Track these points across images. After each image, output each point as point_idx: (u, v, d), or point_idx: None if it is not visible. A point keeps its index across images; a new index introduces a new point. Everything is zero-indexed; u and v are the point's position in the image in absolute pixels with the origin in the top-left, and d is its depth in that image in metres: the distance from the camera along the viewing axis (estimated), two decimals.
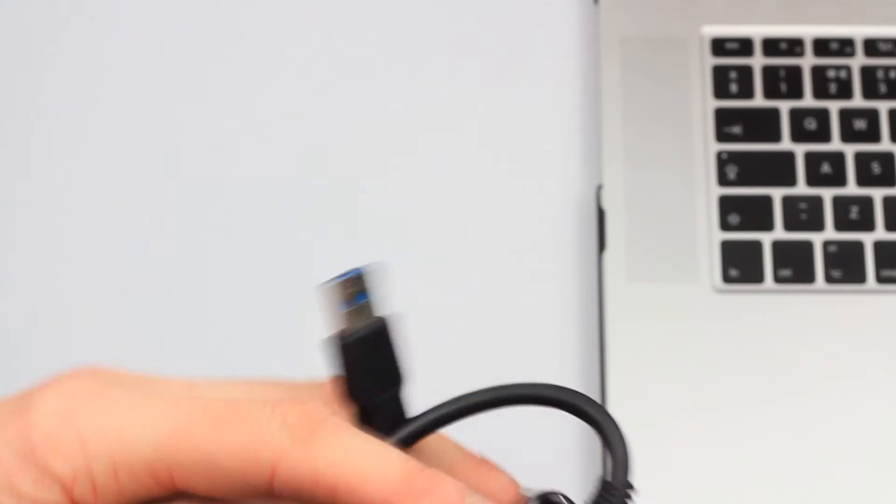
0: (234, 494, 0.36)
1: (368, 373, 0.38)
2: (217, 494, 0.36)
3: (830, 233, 0.68)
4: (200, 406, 0.35)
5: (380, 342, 0.38)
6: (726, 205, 0.68)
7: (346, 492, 0.35)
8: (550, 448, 0.66)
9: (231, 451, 0.35)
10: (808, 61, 0.72)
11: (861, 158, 0.69)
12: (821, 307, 0.66)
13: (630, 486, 0.38)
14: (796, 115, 0.70)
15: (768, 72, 0.72)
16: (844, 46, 0.72)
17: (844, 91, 0.71)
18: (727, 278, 0.66)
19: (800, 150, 0.70)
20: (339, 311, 0.37)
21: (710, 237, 0.68)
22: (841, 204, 0.68)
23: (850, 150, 0.70)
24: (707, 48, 0.72)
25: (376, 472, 0.35)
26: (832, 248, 0.67)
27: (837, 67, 0.72)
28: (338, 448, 0.35)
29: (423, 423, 0.39)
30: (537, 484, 0.43)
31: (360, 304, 0.37)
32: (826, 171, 0.69)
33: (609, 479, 0.38)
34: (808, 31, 0.73)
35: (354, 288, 0.37)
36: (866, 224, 0.68)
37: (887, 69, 0.71)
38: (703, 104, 0.71)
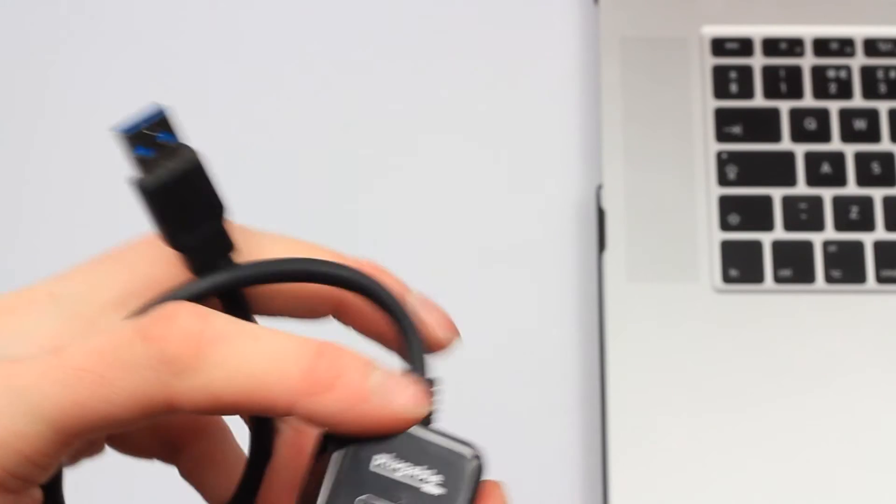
0: (142, 426, 0.35)
1: (188, 212, 0.35)
2: (127, 430, 0.35)
3: (830, 233, 0.68)
4: (73, 369, 0.34)
5: (194, 178, 0.35)
6: (726, 205, 0.68)
7: (248, 404, 0.34)
8: (550, 447, 0.66)
9: (121, 404, 0.33)
10: (808, 61, 0.72)
11: (861, 158, 0.69)
12: (821, 307, 0.66)
13: (433, 379, 0.37)
14: (796, 115, 0.70)
15: (768, 72, 0.72)
16: (844, 46, 0.72)
17: (844, 91, 0.71)
18: (727, 278, 0.66)
19: (800, 150, 0.70)
20: (144, 157, 0.35)
21: (710, 237, 0.68)
22: (841, 204, 0.68)
23: (850, 150, 0.70)
24: (707, 48, 0.72)
25: (273, 376, 0.33)
26: (832, 248, 0.67)
27: (837, 67, 0.72)
28: (227, 364, 0.33)
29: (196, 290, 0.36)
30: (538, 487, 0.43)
31: (164, 143, 0.35)
32: (826, 171, 0.69)
33: (412, 368, 0.37)
34: (808, 31, 0.73)
35: (156, 129, 0.35)
36: (866, 224, 0.68)
37: (887, 69, 0.71)
38: (703, 104, 0.71)
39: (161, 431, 0.41)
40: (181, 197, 0.35)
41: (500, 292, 0.69)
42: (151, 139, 0.35)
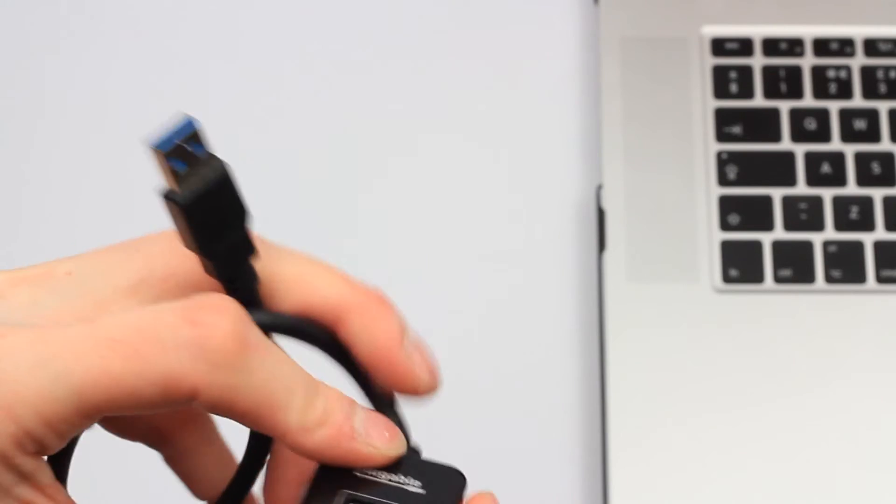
0: (159, 411, 0.36)
1: (218, 222, 0.36)
2: (144, 413, 0.36)
3: (830, 233, 0.68)
4: (107, 340, 0.34)
5: (224, 188, 0.36)
6: (726, 205, 0.68)
7: (253, 418, 0.35)
8: (550, 447, 0.66)
9: (151, 382, 0.34)
10: (808, 61, 0.72)
11: (861, 158, 0.69)
12: (821, 307, 0.66)
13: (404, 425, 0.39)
14: (796, 115, 0.70)
15: (768, 72, 0.72)
16: (844, 46, 0.72)
17: (844, 91, 0.71)
18: (727, 278, 0.66)
19: (800, 150, 0.70)
20: (178, 171, 0.36)
21: (710, 237, 0.68)
22: (841, 204, 0.68)
23: (850, 150, 0.70)
24: (707, 48, 0.72)
25: (282, 401, 0.35)
26: (832, 248, 0.67)
27: (837, 67, 0.72)
28: (257, 375, 0.35)
29: None
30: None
31: (196, 155, 0.36)
32: (826, 171, 0.69)
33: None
34: (808, 31, 0.73)
35: (189, 142, 0.36)
36: (866, 224, 0.68)
37: (887, 69, 0.71)
38: (703, 104, 0.71)
39: (150, 416, 0.42)
40: (212, 207, 0.36)
41: (500, 292, 0.69)
42: (185, 151, 0.36)
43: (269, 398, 0.35)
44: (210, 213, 0.36)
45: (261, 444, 0.40)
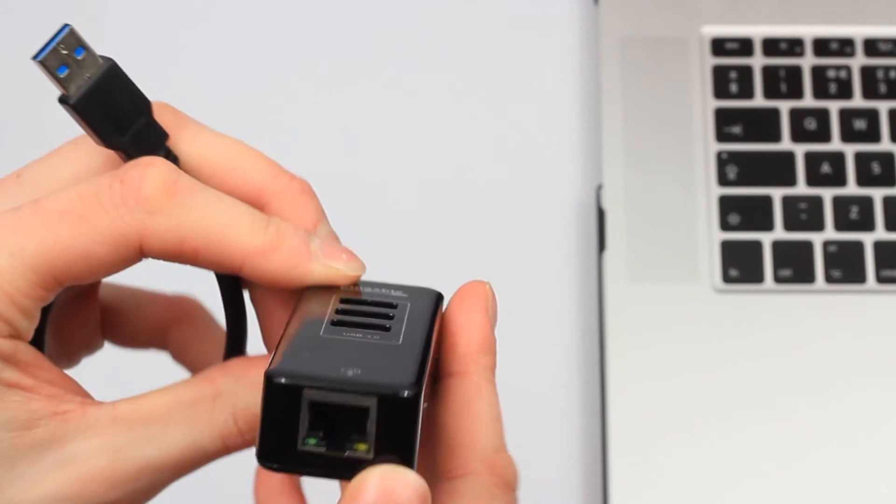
0: (114, 271, 0.38)
1: (115, 115, 0.39)
2: (100, 277, 0.38)
3: (830, 233, 0.68)
4: (54, 212, 0.37)
5: (113, 83, 0.39)
6: (726, 205, 0.68)
7: (207, 254, 0.37)
8: (550, 447, 0.66)
9: (98, 240, 0.37)
10: (808, 61, 0.72)
11: (861, 158, 0.69)
12: (821, 307, 0.66)
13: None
14: (796, 115, 0.71)
15: (768, 72, 0.72)
16: (844, 46, 0.72)
17: (844, 91, 0.71)
18: (727, 278, 0.67)
19: (800, 150, 0.70)
20: (63, 75, 0.38)
21: (710, 237, 0.68)
22: (841, 204, 0.68)
23: (850, 150, 0.70)
24: (707, 48, 0.72)
25: (231, 231, 0.37)
26: (832, 248, 0.67)
27: (837, 67, 0.72)
28: (195, 211, 0.37)
29: None
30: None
31: (79, 58, 0.39)
32: (826, 171, 0.69)
33: None
34: (808, 31, 0.73)
35: (68, 47, 0.39)
36: (866, 224, 0.68)
37: (887, 69, 0.71)
38: (703, 104, 0.71)
39: (151, 320, 0.45)
40: (107, 102, 0.39)
41: (500, 292, 0.69)
42: (66, 57, 0.39)
43: (215, 230, 0.37)
44: (106, 107, 0.39)
45: (233, 293, 0.42)
